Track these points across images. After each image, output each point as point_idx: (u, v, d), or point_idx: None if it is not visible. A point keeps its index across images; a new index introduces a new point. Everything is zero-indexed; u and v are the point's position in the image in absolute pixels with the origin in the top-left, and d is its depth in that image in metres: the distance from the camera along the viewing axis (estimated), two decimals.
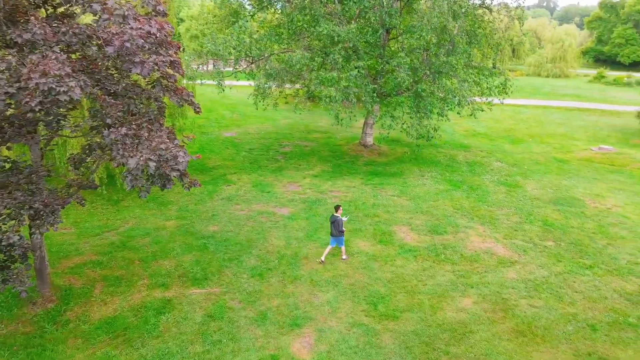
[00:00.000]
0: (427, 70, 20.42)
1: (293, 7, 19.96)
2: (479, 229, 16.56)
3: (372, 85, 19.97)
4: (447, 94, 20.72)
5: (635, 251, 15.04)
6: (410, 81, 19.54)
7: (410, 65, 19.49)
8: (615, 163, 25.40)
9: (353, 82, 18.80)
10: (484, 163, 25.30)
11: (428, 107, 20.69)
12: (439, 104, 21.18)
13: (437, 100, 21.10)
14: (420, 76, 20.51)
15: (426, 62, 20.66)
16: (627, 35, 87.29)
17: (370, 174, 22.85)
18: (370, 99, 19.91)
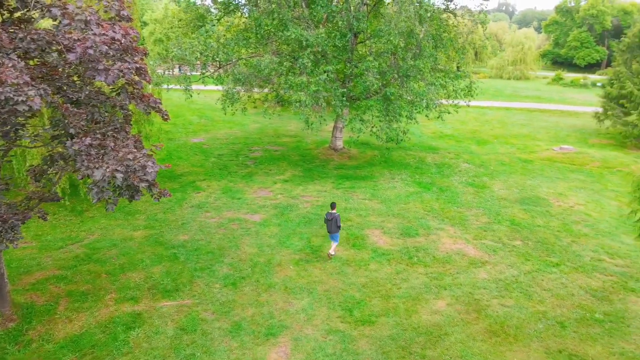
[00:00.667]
0: (395, 73, 20.62)
1: (261, 12, 19.79)
2: (450, 230, 16.79)
3: (341, 89, 20.00)
4: (415, 97, 20.98)
5: (597, 248, 15.57)
6: (378, 85, 19.68)
7: (378, 69, 19.63)
8: (575, 162, 26.32)
9: (322, 86, 18.77)
10: (452, 165, 25.75)
11: (397, 111, 20.89)
12: (408, 107, 21.43)
13: (405, 104, 21.35)
14: (388, 80, 20.70)
15: (394, 65, 20.86)
16: (582, 39, 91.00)
17: (341, 177, 22.88)
18: (340, 102, 19.94)
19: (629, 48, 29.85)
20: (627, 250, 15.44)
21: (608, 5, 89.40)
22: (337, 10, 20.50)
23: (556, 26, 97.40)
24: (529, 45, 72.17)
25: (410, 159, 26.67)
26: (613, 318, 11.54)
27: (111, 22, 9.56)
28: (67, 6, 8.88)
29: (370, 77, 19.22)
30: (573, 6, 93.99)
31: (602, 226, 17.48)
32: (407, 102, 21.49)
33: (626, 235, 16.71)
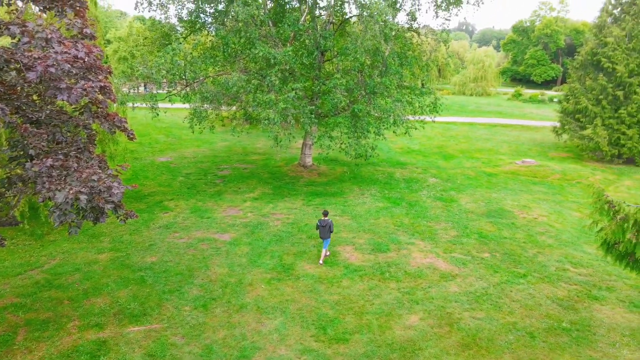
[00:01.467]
0: (362, 90, 20.92)
1: (228, 30, 19.77)
2: (420, 244, 16.96)
3: (309, 106, 20.11)
4: (382, 113, 21.32)
5: (562, 258, 16.04)
6: (346, 102, 19.90)
7: (346, 86, 19.88)
8: (537, 175, 27.23)
9: (291, 104, 18.82)
10: (420, 179, 26.16)
11: (365, 127, 21.15)
12: (375, 123, 21.73)
13: (373, 120, 21.64)
14: (356, 96, 20.97)
15: (361, 83, 21.18)
16: (538, 57, 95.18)
17: (311, 194, 22.86)
18: (309, 120, 20.03)
19: (582, 65, 31.36)
20: (589, 259, 15.97)
21: (561, 25, 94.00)
22: (304, 28, 20.73)
23: (514, 45, 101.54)
24: (489, 63, 74.83)
25: (379, 174, 26.95)
26: (580, 327, 11.84)
27: (74, 40, 9.33)
28: (26, 24, 8.62)
29: (338, 94, 19.43)
30: (529, 26, 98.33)
31: (565, 236, 18.05)
32: (375, 119, 21.79)
33: (587, 244, 17.30)
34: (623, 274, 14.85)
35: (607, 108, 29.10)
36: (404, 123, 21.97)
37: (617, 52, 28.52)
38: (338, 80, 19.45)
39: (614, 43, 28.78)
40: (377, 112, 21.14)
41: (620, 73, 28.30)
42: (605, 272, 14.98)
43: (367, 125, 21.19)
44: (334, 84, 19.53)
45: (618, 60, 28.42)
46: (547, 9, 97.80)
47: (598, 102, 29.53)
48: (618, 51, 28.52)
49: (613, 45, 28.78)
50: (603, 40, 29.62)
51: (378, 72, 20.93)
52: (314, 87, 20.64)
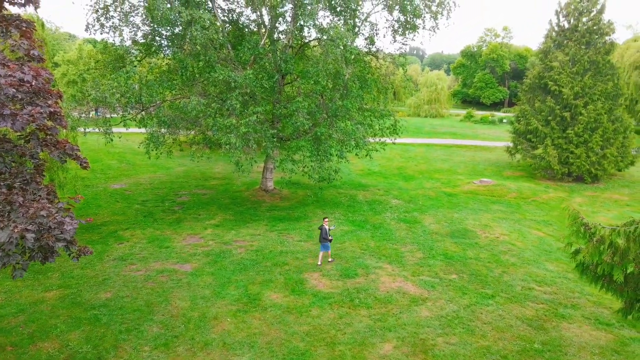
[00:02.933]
0: (324, 113, 20.82)
1: (186, 54, 19.26)
2: (388, 268, 16.74)
3: (271, 130, 19.77)
4: (344, 136, 21.27)
5: (526, 277, 16.23)
6: (309, 125, 19.71)
7: (308, 109, 19.71)
8: (495, 194, 27.91)
9: (252, 128, 18.42)
10: (382, 201, 26.19)
11: (327, 150, 21.00)
12: (338, 146, 21.64)
13: (335, 143, 21.55)
14: (317, 120, 20.82)
15: (322, 106, 21.09)
16: (486, 80, 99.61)
17: (274, 219, 22.32)
18: (271, 143, 19.66)
19: (530, 88, 32.83)
20: (552, 277, 16.25)
21: (505, 50, 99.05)
22: (264, 52, 20.51)
23: (463, 68, 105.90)
24: (441, 86, 77.42)
25: (342, 197, 26.79)
26: (551, 347, 11.85)
27: (19, 63, 8.62)
28: None
29: (300, 117, 19.21)
30: (476, 51, 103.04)
31: (527, 255, 18.36)
32: (337, 142, 21.71)
33: (549, 262, 17.66)
34: (585, 290, 15.17)
35: (555, 128, 30.44)
36: (366, 145, 21.99)
37: (562, 75, 30.06)
38: (300, 103, 19.26)
39: (559, 67, 30.34)
40: (339, 135, 21.07)
41: (566, 95, 29.78)
42: (568, 290, 15.25)
43: (329, 149, 21.04)
44: (296, 107, 19.32)
45: (564, 84, 29.93)
46: (492, 35, 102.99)
47: (547, 123, 30.88)
48: (563, 75, 30.07)
49: (558, 69, 30.33)
50: (549, 64, 31.18)
51: (339, 95, 20.93)
52: (275, 110, 20.33)
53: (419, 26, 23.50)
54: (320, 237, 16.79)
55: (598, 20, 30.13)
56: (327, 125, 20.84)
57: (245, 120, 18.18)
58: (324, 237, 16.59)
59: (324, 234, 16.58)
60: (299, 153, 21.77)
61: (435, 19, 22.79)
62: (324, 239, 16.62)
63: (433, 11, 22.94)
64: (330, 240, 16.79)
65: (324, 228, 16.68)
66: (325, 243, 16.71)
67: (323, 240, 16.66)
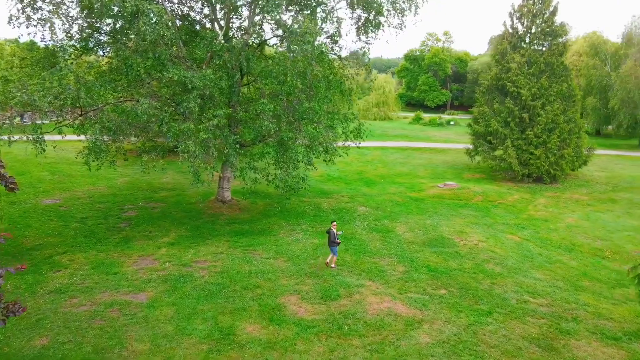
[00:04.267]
0: (290, 117, 19.04)
1: (132, 50, 16.80)
2: (371, 286, 15.21)
3: (233, 135, 17.74)
4: (312, 141, 19.61)
5: (517, 288, 15.28)
6: (275, 129, 17.85)
7: (273, 112, 17.84)
8: (461, 197, 27.29)
9: (212, 133, 16.31)
10: (349, 209, 24.74)
11: (295, 157, 19.25)
12: (305, 152, 19.94)
13: (303, 149, 19.84)
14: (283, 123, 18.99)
15: (288, 108, 19.30)
16: (430, 83, 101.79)
17: (236, 234, 20.20)
18: (233, 150, 17.61)
19: (488, 90, 32.79)
20: (543, 287, 15.40)
21: (447, 55, 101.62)
22: (223, 49, 18.41)
23: (407, 72, 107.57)
24: (389, 89, 77.77)
25: (306, 206, 25.07)
26: None
27: None
28: None
29: (266, 121, 17.33)
30: (419, 55, 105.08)
31: (510, 263, 17.52)
32: (305, 147, 20.01)
33: (534, 270, 16.88)
34: (580, 300, 14.41)
35: (515, 130, 30.46)
36: (335, 151, 20.47)
37: (520, 77, 30.13)
38: (265, 106, 17.35)
39: (517, 69, 30.40)
40: (307, 139, 19.39)
41: (524, 97, 29.86)
42: (563, 300, 14.41)
43: (296, 155, 19.30)
44: (261, 110, 17.40)
45: (522, 85, 30.00)
46: (434, 39, 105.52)
47: (507, 124, 30.84)
48: (521, 76, 30.14)
49: (516, 71, 30.38)
50: (506, 66, 31.20)
51: (305, 96, 19.22)
52: (235, 113, 18.21)
53: (384, 24, 22.30)
54: (328, 241, 16.41)
55: (551, 22, 30.51)
56: (294, 129, 19.06)
57: (205, 125, 16.02)
58: (332, 241, 16.16)
59: (332, 237, 16.13)
60: (263, 160, 19.78)
61: (402, 15, 21.65)
62: (332, 242, 16.19)
63: (399, 8, 21.82)
64: (338, 243, 16.30)
65: (332, 232, 16.17)
66: (333, 247, 16.28)
67: (331, 244, 16.25)
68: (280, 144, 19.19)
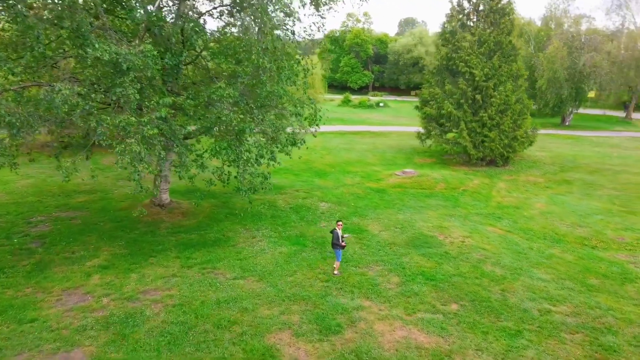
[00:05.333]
0: (250, 104, 15.67)
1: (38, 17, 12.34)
2: (371, 307, 12.65)
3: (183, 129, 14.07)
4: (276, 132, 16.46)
5: (529, 293, 13.57)
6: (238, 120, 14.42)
7: (234, 98, 14.35)
8: (423, 186, 25.60)
9: (159, 128, 12.59)
10: (309, 206, 21.94)
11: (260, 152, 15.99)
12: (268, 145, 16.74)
13: (265, 141, 16.62)
14: (242, 111, 15.56)
15: (247, 93, 15.90)
16: (352, 64, 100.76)
17: (185, 247, 16.61)
18: (185, 148, 13.96)
19: (438, 71, 31.34)
20: (554, 290, 13.85)
21: (368, 36, 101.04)
22: (162, 19, 14.43)
23: (329, 53, 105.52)
24: (315, 71, 74.98)
25: (259, 205, 21.81)
26: None
27: None
28: None
29: (225, 110, 13.85)
30: (339, 36, 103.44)
31: (507, 262, 15.88)
32: (267, 139, 16.80)
33: (536, 269, 15.35)
34: (602, 304, 13.00)
35: (468, 112, 29.34)
36: (303, 142, 17.51)
37: (472, 56, 28.90)
38: (223, 91, 13.81)
39: (469, 48, 29.14)
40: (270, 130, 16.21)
41: (478, 77, 28.72)
42: (584, 305, 12.90)
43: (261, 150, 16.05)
44: (219, 96, 13.84)
45: (474, 65, 28.81)
46: (354, 20, 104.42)
47: (459, 106, 29.63)
48: (473, 56, 28.92)
49: (468, 50, 29.12)
50: (457, 44, 29.84)
51: (267, 77, 15.91)
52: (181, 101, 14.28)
53: None
54: (332, 243, 14.34)
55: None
56: (255, 118, 15.71)
57: (148, 117, 12.23)
58: (335, 243, 14.15)
59: (335, 239, 14.12)
60: (219, 156, 16.13)
61: None
62: (335, 245, 14.18)
63: None
64: (343, 247, 14.23)
65: (336, 232, 14.16)
66: (337, 250, 14.24)
67: (335, 247, 14.26)
68: (238, 138, 15.75)
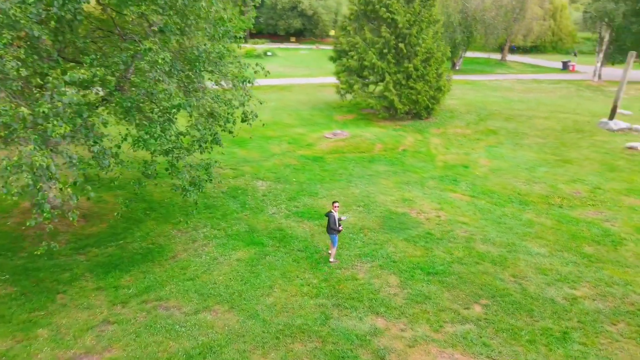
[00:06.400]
0: (188, 70, 11.36)
1: None
2: (390, 328, 10.11)
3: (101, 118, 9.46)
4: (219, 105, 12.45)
5: (541, 276, 12.19)
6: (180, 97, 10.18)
7: (169, 63, 9.96)
8: (361, 149, 23.23)
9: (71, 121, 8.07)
10: (245, 188, 18.30)
11: (205, 134, 11.95)
12: (210, 125, 12.68)
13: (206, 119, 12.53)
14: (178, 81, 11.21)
15: (176, 55, 11.46)
16: None
17: (104, 269, 12.30)
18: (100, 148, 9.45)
19: (356, 17, 28.34)
20: (561, 267, 12.67)
21: None
22: None
23: None
24: None
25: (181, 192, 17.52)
26: None
27: None
28: None
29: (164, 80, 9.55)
30: None
31: (494, 236, 14.40)
32: (206, 117, 12.70)
33: (527, 242, 14.09)
34: (615, 279, 12.09)
35: (392, 62, 27.19)
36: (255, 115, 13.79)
37: (393, 0, 26.37)
38: (156, 55, 9.37)
39: None
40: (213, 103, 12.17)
41: (401, 24, 26.43)
42: (602, 284, 11.85)
43: (205, 131, 11.99)
44: (150, 62, 9.40)
45: (396, 10, 26.38)
46: None
47: (383, 57, 27.30)
48: (394, 0, 26.40)
49: None
50: None
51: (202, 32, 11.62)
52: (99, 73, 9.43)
53: None
54: (327, 227, 12.56)
55: None
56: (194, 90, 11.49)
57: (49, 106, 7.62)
58: (331, 228, 12.40)
59: (332, 224, 12.35)
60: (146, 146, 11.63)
61: None
62: (331, 230, 12.46)
63: None
64: (339, 231, 12.54)
65: (332, 215, 12.39)
66: (333, 235, 12.54)
67: (330, 231, 12.53)
68: (169, 119, 11.45)
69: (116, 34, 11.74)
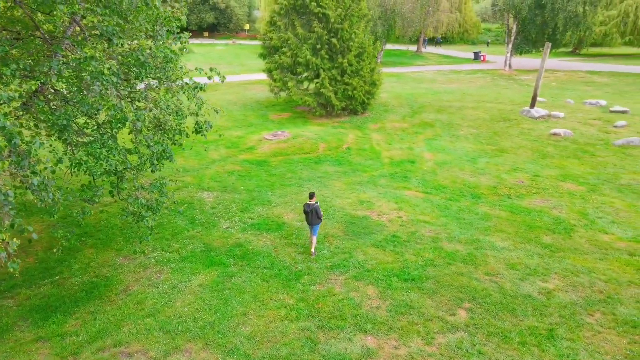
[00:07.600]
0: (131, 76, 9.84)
1: None
2: (383, 347, 9.56)
3: None
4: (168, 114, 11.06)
5: (511, 271, 12.32)
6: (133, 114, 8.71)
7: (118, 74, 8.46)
8: (305, 149, 22.45)
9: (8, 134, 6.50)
10: (190, 200, 16.85)
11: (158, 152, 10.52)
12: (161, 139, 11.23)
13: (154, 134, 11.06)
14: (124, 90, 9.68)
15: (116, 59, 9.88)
16: None
17: (42, 313, 10.59)
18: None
19: (285, 12, 27.31)
20: (527, 259, 12.91)
21: None
22: None
23: None
24: None
25: (115, 210, 15.70)
26: None
27: None
28: None
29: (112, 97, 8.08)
30: None
31: (457, 233, 14.41)
32: (155, 129, 11.22)
33: (489, 236, 14.24)
34: (579, 267, 12.53)
35: (325, 58, 26.61)
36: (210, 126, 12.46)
37: None
38: (101, 64, 7.87)
39: None
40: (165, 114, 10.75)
41: (333, 19, 25.90)
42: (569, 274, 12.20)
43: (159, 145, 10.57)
44: (93, 73, 7.89)
45: (327, 5, 25.79)
46: None
47: (316, 53, 26.62)
48: None
49: None
50: None
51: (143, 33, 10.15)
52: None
53: None
54: (311, 219, 12.57)
55: None
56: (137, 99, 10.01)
57: None
58: (318, 217, 12.58)
59: (319, 213, 12.57)
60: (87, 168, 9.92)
61: None
62: (317, 219, 12.60)
63: None
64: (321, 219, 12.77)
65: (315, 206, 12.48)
66: (316, 226, 12.71)
67: (316, 221, 12.61)
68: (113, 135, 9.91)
69: (38, 37, 9.88)
